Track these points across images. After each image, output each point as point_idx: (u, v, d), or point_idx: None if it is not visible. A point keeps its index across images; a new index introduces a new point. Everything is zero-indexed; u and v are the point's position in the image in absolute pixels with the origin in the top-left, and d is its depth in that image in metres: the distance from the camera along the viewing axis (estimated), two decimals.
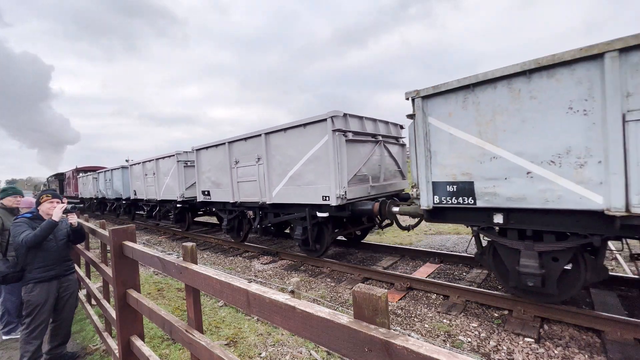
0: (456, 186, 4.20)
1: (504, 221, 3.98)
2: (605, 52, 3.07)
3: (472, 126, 4.00)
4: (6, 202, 3.97)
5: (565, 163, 3.42)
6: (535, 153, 3.59)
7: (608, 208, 3.17)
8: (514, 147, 3.72)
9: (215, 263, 7.79)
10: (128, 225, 2.61)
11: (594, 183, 3.26)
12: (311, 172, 6.09)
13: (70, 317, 3.51)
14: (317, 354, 3.32)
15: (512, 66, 3.59)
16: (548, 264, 3.90)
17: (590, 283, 4.04)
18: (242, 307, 1.37)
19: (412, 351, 0.80)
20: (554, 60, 3.35)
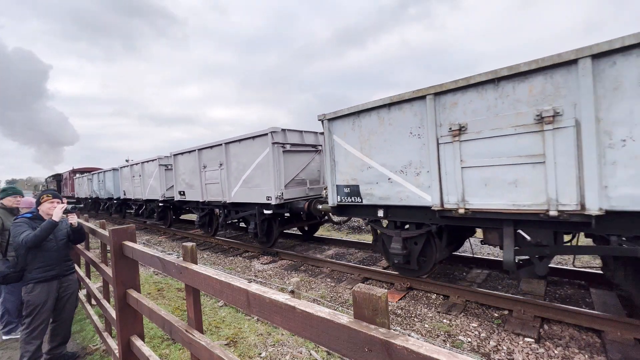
0: (349, 188, 5.57)
1: (384, 215, 5.22)
2: (426, 95, 4.34)
3: (357, 143, 5.35)
4: (6, 202, 3.97)
5: (409, 172, 4.74)
6: (393, 164, 4.90)
7: (434, 204, 4.43)
8: (380, 160, 5.05)
9: (215, 263, 7.79)
10: (128, 226, 2.61)
11: (425, 187, 4.56)
12: (258, 176, 7.44)
13: (70, 317, 3.51)
14: (317, 354, 3.32)
15: (380, 100, 4.89)
16: (410, 247, 5.20)
17: (439, 260, 5.24)
18: (242, 307, 1.37)
19: (412, 351, 0.80)
20: (401, 98, 4.62)
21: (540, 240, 3.94)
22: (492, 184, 3.95)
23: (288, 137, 7.46)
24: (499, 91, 3.78)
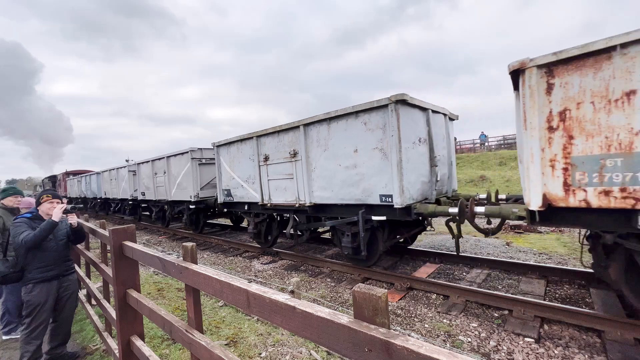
0: (227, 191, 8.62)
1: (248, 208, 8.11)
2: (254, 136, 7.31)
3: (228, 162, 8.47)
4: (7, 202, 3.97)
5: (250, 181, 7.76)
6: (243, 176, 7.96)
7: (259, 201, 7.46)
8: (237, 174, 8.15)
9: (215, 263, 7.79)
10: (128, 226, 2.61)
11: (257, 190, 7.52)
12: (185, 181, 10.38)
13: (70, 317, 3.50)
14: (317, 354, 3.32)
15: (238, 136, 7.92)
16: (260, 227, 8.11)
17: (276, 236, 8.00)
18: (242, 307, 1.37)
19: (412, 351, 0.80)
20: (245, 137, 7.67)
21: (301, 221, 7.00)
22: (279, 189, 6.98)
23: (204, 154, 10.18)
24: (278, 138, 6.84)
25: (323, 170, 5.95)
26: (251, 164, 7.53)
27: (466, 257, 6.33)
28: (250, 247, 8.63)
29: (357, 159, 5.40)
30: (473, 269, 5.91)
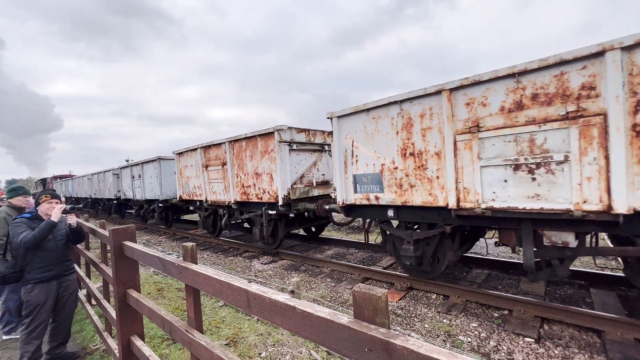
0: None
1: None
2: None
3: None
4: (15, 202, 3.91)
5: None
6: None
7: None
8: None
9: (215, 263, 7.79)
10: (128, 225, 2.60)
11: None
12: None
13: (70, 317, 3.50)
14: (317, 354, 3.32)
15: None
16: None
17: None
18: (242, 307, 1.37)
19: (412, 351, 0.80)
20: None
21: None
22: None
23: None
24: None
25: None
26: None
27: (466, 257, 6.32)
28: (250, 247, 8.63)
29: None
30: (473, 269, 5.91)
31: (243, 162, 7.75)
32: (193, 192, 9.65)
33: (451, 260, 4.92)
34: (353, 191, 5.48)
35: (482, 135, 3.92)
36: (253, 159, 7.47)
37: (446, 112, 4.17)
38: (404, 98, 4.59)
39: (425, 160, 4.52)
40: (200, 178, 9.16)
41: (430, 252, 4.98)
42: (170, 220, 12.58)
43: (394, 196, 4.92)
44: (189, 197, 9.88)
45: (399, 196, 4.87)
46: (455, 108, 4.14)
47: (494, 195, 3.91)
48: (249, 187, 7.65)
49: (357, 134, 5.30)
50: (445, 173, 4.28)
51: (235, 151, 7.93)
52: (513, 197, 3.77)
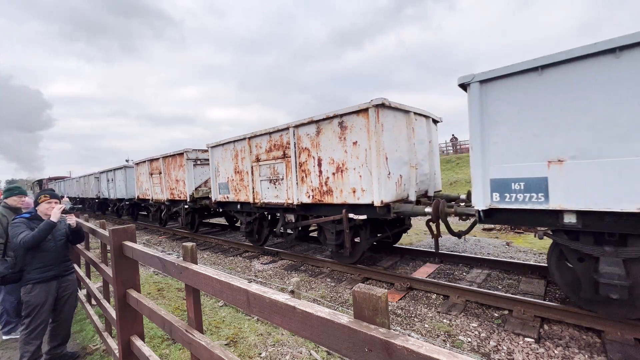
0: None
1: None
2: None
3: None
4: (10, 202, 3.91)
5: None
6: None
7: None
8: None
9: (215, 263, 7.79)
10: (128, 225, 2.60)
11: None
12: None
13: (69, 317, 3.49)
14: (317, 354, 3.32)
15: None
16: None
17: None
18: (242, 307, 1.37)
19: (412, 351, 0.80)
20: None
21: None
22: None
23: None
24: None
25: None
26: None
27: (466, 257, 6.33)
28: (250, 247, 8.63)
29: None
30: (473, 269, 5.91)
31: (170, 172, 11.10)
32: (144, 192, 13.10)
33: (266, 234, 8.15)
34: (218, 193, 8.92)
35: (260, 164, 7.41)
36: (175, 170, 10.86)
37: (248, 150, 7.66)
38: (234, 140, 8.04)
39: (243, 176, 7.97)
40: (149, 182, 12.51)
41: (256, 227, 8.27)
42: (136, 214, 16.00)
43: (234, 196, 8.35)
44: (143, 196, 13.28)
45: (235, 196, 8.30)
46: (252, 148, 7.59)
47: (265, 196, 7.38)
48: (174, 189, 10.98)
49: (219, 158, 8.77)
50: (249, 183, 7.70)
51: (166, 164, 11.27)
52: (271, 197, 7.22)
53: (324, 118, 5.82)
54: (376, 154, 5.14)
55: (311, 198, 6.28)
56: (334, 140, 5.77)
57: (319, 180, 6.10)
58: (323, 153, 5.97)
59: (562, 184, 3.55)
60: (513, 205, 3.85)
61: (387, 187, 5.26)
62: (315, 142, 6.09)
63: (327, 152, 5.91)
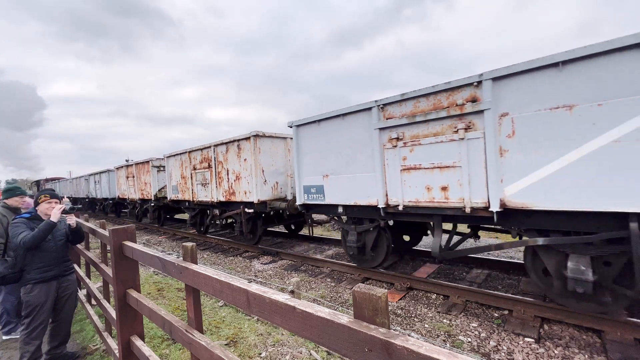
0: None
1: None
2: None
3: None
4: (11, 202, 3.90)
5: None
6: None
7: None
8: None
9: (215, 263, 7.79)
10: (128, 225, 2.60)
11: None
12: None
13: (69, 317, 3.49)
14: (317, 354, 3.32)
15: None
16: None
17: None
18: (242, 307, 1.37)
19: (412, 351, 0.80)
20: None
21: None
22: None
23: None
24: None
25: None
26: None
27: (466, 257, 6.32)
28: (250, 247, 8.63)
29: None
30: (473, 269, 5.91)
31: (141, 176, 13.53)
32: (123, 193, 15.31)
33: (206, 224, 10.23)
34: (172, 193, 11.06)
35: (196, 171, 9.63)
36: (144, 174, 13.28)
37: (188, 161, 9.93)
38: (181, 152, 10.24)
39: (186, 180, 10.15)
40: (126, 184, 14.82)
41: (199, 220, 10.60)
42: (119, 211, 18.23)
43: (182, 196, 10.49)
44: (122, 196, 15.45)
45: (182, 196, 10.45)
46: (191, 159, 9.82)
47: (199, 195, 9.59)
48: (144, 190, 13.36)
49: (172, 166, 10.96)
50: (190, 186, 9.92)
51: (138, 170, 13.73)
52: (203, 196, 9.42)
53: (230, 141, 8.24)
54: (255, 167, 7.60)
55: (224, 197, 8.69)
56: (235, 157, 8.22)
57: (228, 185, 8.52)
58: (230, 166, 8.41)
59: (328, 188, 6.08)
60: (313, 201, 6.40)
61: (264, 190, 7.71)
62: (225, 157, 8.53)
63: (231, 165, 8.36)
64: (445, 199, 4.50)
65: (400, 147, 4.89)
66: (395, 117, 4.91)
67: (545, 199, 3.69)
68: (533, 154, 3.73)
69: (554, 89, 3.55)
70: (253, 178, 7.61)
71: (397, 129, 4.90)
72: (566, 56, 3.40)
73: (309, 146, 6.32)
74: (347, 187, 5.70)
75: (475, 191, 4.20)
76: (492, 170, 3.99)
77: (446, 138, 4.38)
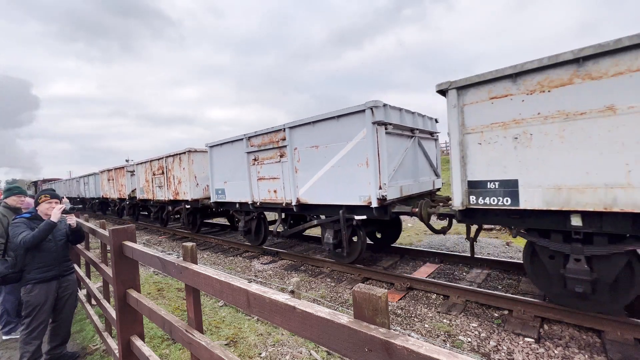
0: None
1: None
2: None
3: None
4: (10, 202, 3.90)
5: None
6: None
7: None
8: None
9: (215, 263, 7.79)
10: (128, 225, 2.60)
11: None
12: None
13: (69, 317, 3.49)
14: (317, 354, 3.32)
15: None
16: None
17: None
18: (242, 307, 1.37)
19: (412, 351, 0.80)
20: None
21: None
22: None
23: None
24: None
25: None
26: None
27: (466, 257, 6.32)
28: (250, 247, 8.63)
29: None
30: (473, 269, 5.91)
31: (118, 179, 15.88)
32: (105, 193, 17.67)
33: (165, 219, 12.59)
34: (140, 194, 13.40)
35: (155, 177, 12.19)
36: (120, 178, 15.57)
37: (150, 167, 12.46)
38: (145, 161, 12.62)
39: (149, 183, 12.52)
40: (108, 186, 17.24)
41: (160, 215, 12.82)
42: (104, 210, 20.73)
43: (147, 195, 12.77)
44: (105, 196, 17.81)
45: (147, 195, 12.80)
46: (152, 167, 12.27)
47: (157, 195, 12.15)
48: (120, 191, 15.68)
49: (139, 171, 13.28)
50: (151, 188, 12.42)
51: (116, 173, 16.07)
52: (160, 196, 11.99)
53: (175, 154, 10.91)
54: (189, 174, 10.27)
55: (173, 197, 11.24)
56: (178, 166, 10.84)
57: (174, 187, 11.10)
58: (175, 173, 11.01)
59: (229, 191, 8.62)
60: (221, 200, 8.95)
61: (196, 191, 10.30)
62: (172, 166, 11.16)
63: (176, 172, 10.96)
64: (276, 197, 7.21)
65: (257, 165, 7.59)
66: (254, 145, 7.61)
67: (313, 197, 6.40)
68: (307, 172, 6.41)
69: (311, 136, 6.24)
70: (188, 182, 10.28)
71: (255, 153, 7.61)
72: (314, 118, 6.06)
73: (216, 161, 8.92)
74: (236, 189, 8.31)
75: (287, 193, 6.88)
76: (293, 181, 6.67)
77: (274, 160, 7.13)
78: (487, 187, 4.06)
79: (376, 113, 5.33)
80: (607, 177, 3.27)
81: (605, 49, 3.15)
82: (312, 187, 6.33)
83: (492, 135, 3.97)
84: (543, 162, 3.65)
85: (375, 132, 5.31)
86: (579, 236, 3.66)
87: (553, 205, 3.61)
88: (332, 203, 6.04)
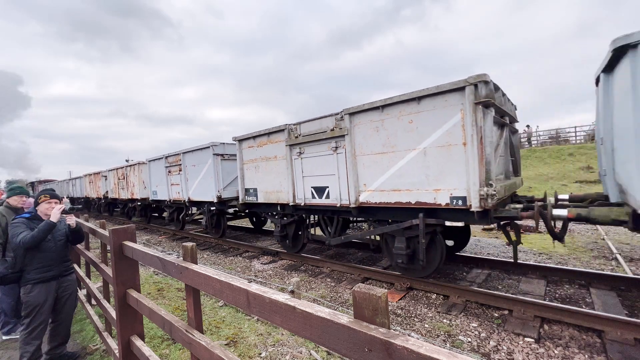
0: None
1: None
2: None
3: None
4: (12, 202, 3.89)
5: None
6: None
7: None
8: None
9: (215, 263, 7.79)
10: (128, 225, 2.60)
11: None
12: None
13: (69, 317, 3.49)
14: (317, 354, 3.32)
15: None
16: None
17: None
18: (242, 307, 1.37)
19: (412, 351, 0.80)
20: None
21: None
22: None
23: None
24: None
25: None
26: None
27: (466, 257, 6.32)
28: (250, 247, 8.63)
29: None
30: (473, 269, 5.91)
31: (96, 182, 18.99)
32: (88, 193, 20.87)
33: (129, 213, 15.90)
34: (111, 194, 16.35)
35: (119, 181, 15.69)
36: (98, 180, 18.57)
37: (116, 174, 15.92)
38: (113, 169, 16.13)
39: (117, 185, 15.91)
40: (89, 187, 20.47)
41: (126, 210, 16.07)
42: (90, 207, 22.43)
43: (116, 195, 15.95)
44: (87, 195, 20.93)
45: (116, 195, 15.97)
46: (117, 174, 15.68)
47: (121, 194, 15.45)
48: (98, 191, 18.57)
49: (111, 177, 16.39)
50: (118, 189, 15.77)
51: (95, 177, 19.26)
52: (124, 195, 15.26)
53: (133, 164, 13.98)
54: (139, 180, 13.49)
55: (130, 196, 14.30)
56: (136, 175, 13.71)
57: (131, 189, 14.23)
58: (132, 178, 14.14)
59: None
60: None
61: (144, 192, 13.24)
62: (129, 173, 14.34)
63: (132, 178, 14.08)
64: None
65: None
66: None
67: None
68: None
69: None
70: (138, 185, 13.64)
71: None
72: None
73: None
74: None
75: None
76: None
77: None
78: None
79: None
80: (279, 187, 7.12)
81: (258, 134, 7.53)
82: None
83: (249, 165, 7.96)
84: (263, 179, 7.55)
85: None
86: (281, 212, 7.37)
87: (269, 200, 7.47)
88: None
